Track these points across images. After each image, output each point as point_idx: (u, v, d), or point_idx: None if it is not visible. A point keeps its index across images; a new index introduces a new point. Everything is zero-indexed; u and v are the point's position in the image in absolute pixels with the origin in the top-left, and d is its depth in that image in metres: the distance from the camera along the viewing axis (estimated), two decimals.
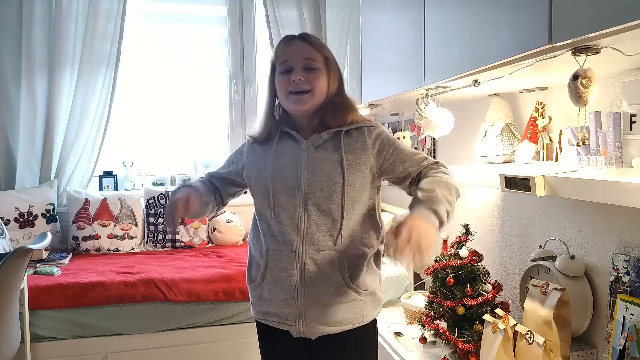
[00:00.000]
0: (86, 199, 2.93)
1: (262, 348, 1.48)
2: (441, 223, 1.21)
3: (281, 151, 1.36)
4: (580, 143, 1.30)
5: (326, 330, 1.33)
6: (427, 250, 1.10)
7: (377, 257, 1.40)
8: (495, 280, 1.93)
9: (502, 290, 1.88)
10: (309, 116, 1.37)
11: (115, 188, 3.17)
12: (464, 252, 1.85)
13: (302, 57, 1.32)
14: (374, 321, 1.43)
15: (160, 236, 2.99)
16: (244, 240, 3.16)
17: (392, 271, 2.42)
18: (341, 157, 1.31)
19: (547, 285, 1.49)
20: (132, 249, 2.96)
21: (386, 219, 1.87)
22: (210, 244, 3.09)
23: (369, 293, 1.36)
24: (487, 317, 1.62)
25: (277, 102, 1.41)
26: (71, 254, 2.79)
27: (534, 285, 1.54)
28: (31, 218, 2.84)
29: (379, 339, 1.77)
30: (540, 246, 1.73)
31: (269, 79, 1.40)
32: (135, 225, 2.96)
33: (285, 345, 1.40)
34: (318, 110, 1.36)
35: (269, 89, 1.40)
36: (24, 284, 2.08)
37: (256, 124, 1.43)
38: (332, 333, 1.33)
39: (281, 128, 1.38)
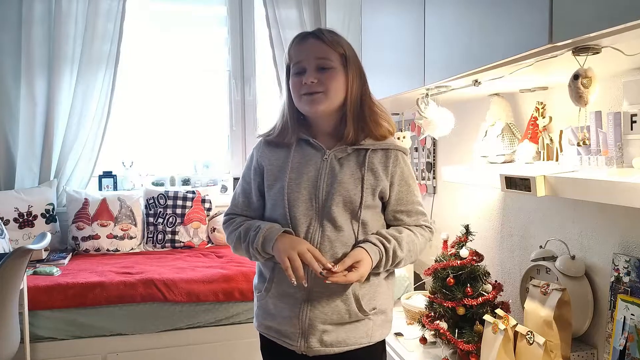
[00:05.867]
0: (85, 199, 2.92)
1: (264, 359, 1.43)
2: (384, 261, 1.24)
3: (300, 159, 1.28)
4: (581, 143, 1.29)
5: (328, 351, 1.25)
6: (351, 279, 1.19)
7: (391, 275, 1.36)
8: (496, 281, 1.93)
9: (502, 291, 1.87)
10: (328, 120, 1.29)
11: (115, 188, 3.17)
12: (464, 252, 1.85)
13: (314, 57, 1.23)
14: (382, 342, 1.36)
15: (159, 236, 2.99)
16: None
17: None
18: (362, 175, 1.25)
19: (548, 285, 1.48)
20: (132, 249, 2.96)
21: None
22: (209, 244, 3.08)
23: (379, 312, 1.30)
24: (487, 317, 1.62)
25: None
26: (70, 254, 2.78)
27: (534, 286, 1.54)
28: (30, 218, 2.83)
29: None
30: (541, 246, 1.73)
31: (285, 80, 1.31)
32: (135, 225, 2.96)
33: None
34: (338, 114, 1.29)
35: (286, 92, 1.30)
36: (24, 284, 2.08)
37: (271, 126, 1.33)
38: (334, 353, 1.26)
39: (300, 135, 1.29)
